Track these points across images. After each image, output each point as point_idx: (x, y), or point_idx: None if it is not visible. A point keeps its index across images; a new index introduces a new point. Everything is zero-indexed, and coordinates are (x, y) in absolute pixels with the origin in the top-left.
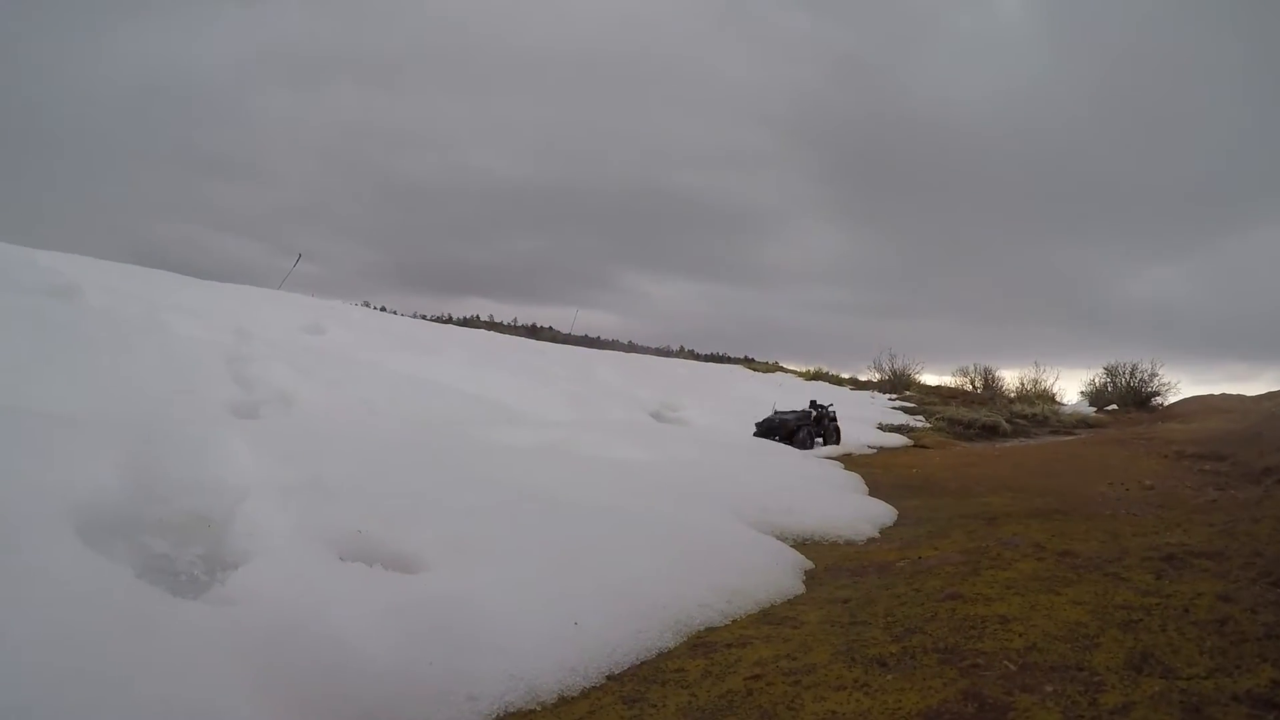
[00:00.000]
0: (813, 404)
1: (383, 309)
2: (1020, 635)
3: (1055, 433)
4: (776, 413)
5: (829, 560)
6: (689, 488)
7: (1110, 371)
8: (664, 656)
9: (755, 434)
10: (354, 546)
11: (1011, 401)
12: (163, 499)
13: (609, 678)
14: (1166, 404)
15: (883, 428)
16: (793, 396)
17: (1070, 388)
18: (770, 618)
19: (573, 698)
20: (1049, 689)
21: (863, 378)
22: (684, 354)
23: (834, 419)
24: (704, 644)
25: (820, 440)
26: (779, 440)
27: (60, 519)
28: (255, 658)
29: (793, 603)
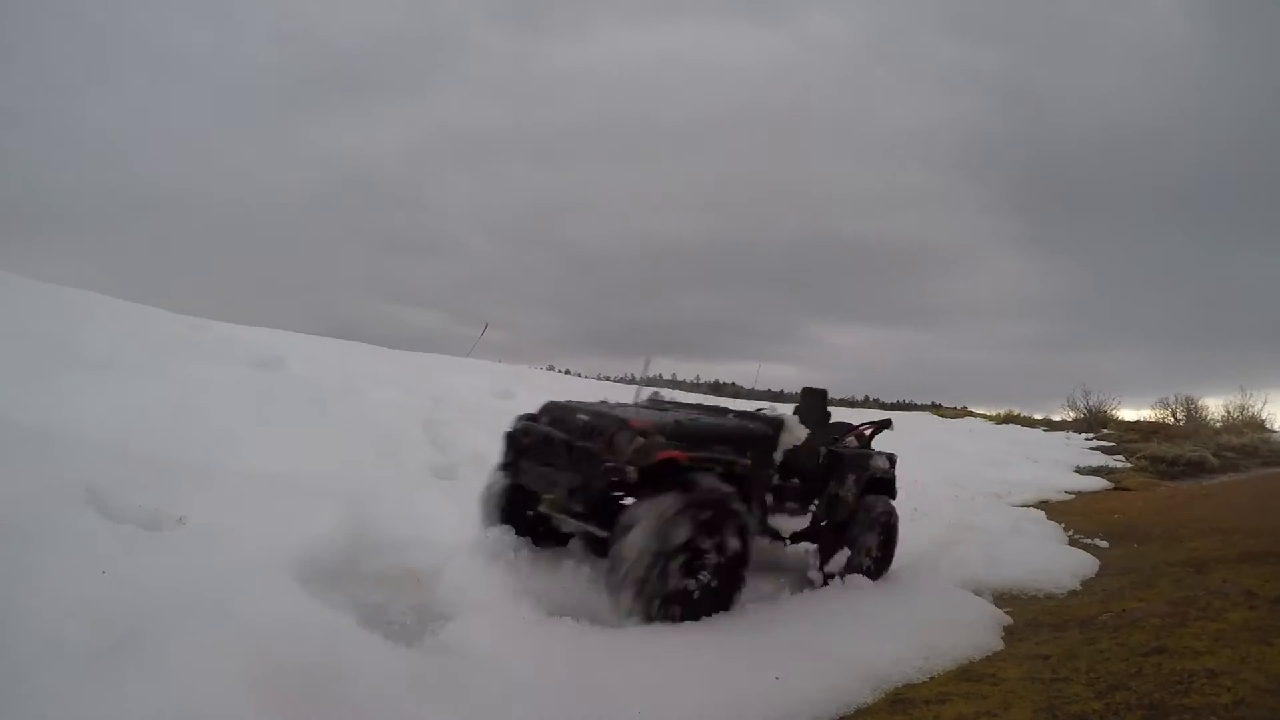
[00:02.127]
0: (856, 428)
1: (567, 372)
2: (1229, 690)
3: (1267, 464)
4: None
5: (1028, 614)
6: None
7: None
8: (862, 713)
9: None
10: (558, 602)
11: (1217, 433)
12: (374, 553)
13: None
14: None
15: (1080, 470)
16: (968, 441)
17: None
18: (969, 674)
19: None
20: None
21: (1056, 417)
22: (869, 404)
23: (885, 475)
24: (902, 700)
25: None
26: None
27: (286, 570)
28: (471, 700)
29: (991, 659)
